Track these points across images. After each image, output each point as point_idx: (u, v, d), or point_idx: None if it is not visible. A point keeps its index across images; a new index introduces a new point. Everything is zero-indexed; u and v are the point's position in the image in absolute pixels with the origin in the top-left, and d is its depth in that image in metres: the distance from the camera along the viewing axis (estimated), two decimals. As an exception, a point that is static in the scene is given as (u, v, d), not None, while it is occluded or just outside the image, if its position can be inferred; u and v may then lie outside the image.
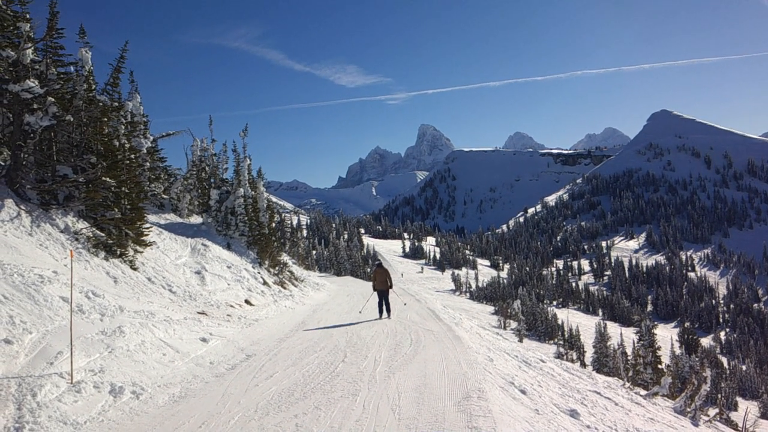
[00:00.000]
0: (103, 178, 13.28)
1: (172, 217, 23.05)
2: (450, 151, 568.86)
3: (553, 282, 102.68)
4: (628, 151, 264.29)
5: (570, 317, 65.47)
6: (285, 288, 23.14)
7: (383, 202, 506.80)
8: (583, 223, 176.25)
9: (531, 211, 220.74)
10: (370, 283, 19.45)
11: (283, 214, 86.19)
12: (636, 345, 34.77)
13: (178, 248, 17.88)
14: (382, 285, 16.40)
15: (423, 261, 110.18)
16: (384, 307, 16.35)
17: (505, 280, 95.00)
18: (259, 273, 21.46)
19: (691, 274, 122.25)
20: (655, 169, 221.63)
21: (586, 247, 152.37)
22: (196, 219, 25.17)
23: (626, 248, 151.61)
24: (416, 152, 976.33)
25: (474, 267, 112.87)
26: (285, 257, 32.78)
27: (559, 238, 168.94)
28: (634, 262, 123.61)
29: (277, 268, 25.53)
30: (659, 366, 32.07)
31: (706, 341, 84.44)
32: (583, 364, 44.67)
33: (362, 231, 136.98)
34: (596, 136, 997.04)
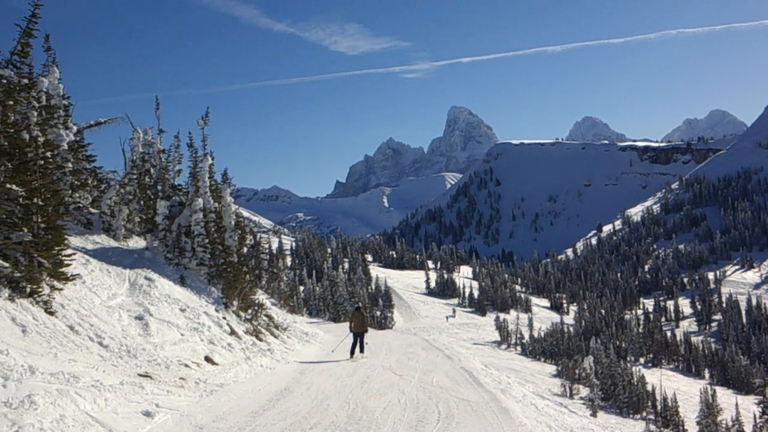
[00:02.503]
0: (7, 186, 13.37)
1: (103, 240, 23.16)
2: (492, 144, 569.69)
3: (640, 331, 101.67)
4: (744, 143, 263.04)
5: (664, 381, 64.84)
6: (261, 340, 23.14)
7: (398, 217, 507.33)
8: (681, 247, 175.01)
9: (607, 229, 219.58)
10: (382, 332, 23.23)
11: (258, 235, 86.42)
12: (758, 420, 34.40)
13: (112, 284, 17.93)
14: (360, 327, 22.91)
15: (455, 301, 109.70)
16: (358, 348, 22.58)
17: (571, 328, 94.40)
18: (224, 318, 21.48)
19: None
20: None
21: (686, 280, 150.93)
22: (137, 242, 25.26)
23: (743, 282, 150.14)
24: (445, 146, 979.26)
25: (527, 309, 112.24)
26: (261, 296, 32.82)
27: (647, 267, 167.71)
28: (754, 301, 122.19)
29: (250, 311, 25.54)
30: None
31: None
32: (684, 448, 44.25)
33: (369, 258, 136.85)
34: (699, 122, 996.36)
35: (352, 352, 22.44)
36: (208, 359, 16.75)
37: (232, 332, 20.76)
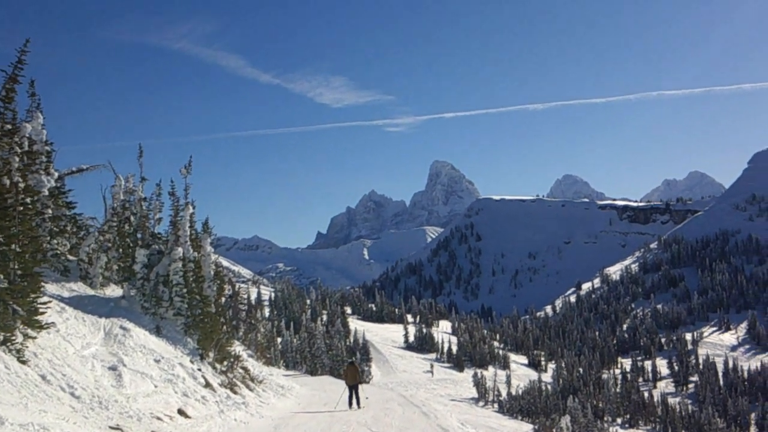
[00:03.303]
0: (-14, 232, 13.30)
1: (80, 288, 22.99)
2: (474, 199, 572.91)
3: (618, 390, 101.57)
4: (722, 205, 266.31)
5: (641, 442, 64.66)
6: (236, 392, 22.87)
7: (379, 270, 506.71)
8: (659, 307, 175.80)
9: (586, 287, 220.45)
10: (359, 387, 25.80)
11: (237, 285, 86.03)
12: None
13: (87, 333, 17.76)
14: (353, 380, 25.10)
15: (434, 356, 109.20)
16: (354, 400, 25.01)
17: (549, 386, 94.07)
18: (199, 370, 21.26)
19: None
20: (760, 231, 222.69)
21: (663, 340, 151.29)
22: (114, 291, 25.08)
23: (720, 343, 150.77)
24: (426, 200, 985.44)
25: (505, 366, 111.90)
26: (238, 347, 32.55)
27: (625, 326, 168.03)
28: (731, 363, 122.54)
29: (225, 363, 25.29)
30: None
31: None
32: None
33: (348, 310, 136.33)
34: (677, 183, 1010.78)
35: (350, 404, 24.97)
36: (181, 412, 16.54)
37: (207, 384, 20.53)
